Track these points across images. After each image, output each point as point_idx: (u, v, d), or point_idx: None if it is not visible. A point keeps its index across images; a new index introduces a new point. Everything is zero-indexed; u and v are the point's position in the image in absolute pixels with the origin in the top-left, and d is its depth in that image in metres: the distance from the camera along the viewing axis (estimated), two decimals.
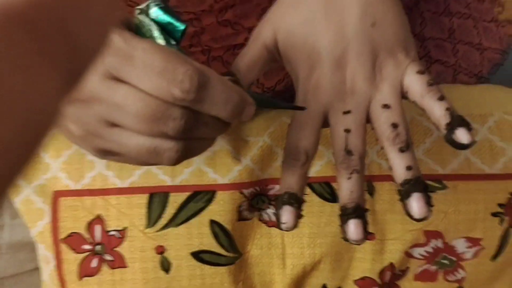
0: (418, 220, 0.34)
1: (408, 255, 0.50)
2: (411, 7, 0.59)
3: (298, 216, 0.36)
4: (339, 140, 0.36)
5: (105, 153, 0.34)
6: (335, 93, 0.37)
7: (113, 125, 0.32)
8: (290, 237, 0.49)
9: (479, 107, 0.52)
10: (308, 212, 0.49)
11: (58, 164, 0.49)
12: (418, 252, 0.50)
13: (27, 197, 0.49)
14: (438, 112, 0.35)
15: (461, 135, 0.34)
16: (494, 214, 0.50)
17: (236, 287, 0.50)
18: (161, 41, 0.33)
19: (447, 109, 0.35)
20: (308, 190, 0.49)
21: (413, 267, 0.51)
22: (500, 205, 0.50)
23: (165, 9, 0.33)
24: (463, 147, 0.35)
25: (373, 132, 0.50)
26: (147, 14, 0.34)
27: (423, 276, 0.51)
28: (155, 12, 0.33)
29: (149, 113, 0.30)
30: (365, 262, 0.50)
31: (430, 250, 0.50)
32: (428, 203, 0.35)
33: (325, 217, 0.49)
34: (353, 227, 0.35)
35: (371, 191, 0.49)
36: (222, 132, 0.34)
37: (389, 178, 0.50)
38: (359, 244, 0.36)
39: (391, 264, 0.50)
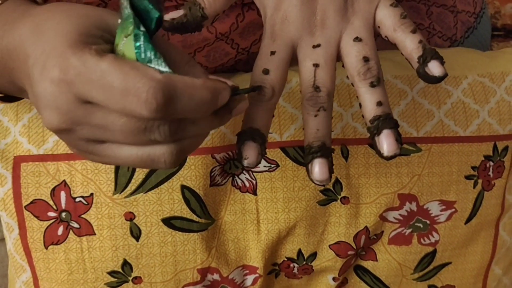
0: (387, 158, 0.33)
1: (383, 218, 0.50)
2: None
3: (261, 153, 0.35)
4: (307, 75, 0.35)
5: (105, 163, 0.34)
6: (304, 26, 0.35)
7: (102, 141, 0.32)
8: (264, 202, 0.48)
9: (453, 69, 0.51)
10: (282, 176, 0.48)
11: (18, 128, 0.46)
12: (392, 215, 0.50)
13: None
14: (410, 45, 0.34)
15: (434, 67, 0.34)
16: (468, 177, 0.50)
17: (209, 254, 0.49)
18: (131, 28, 0.31)
19: (420, 41, 0.34)
20: (281, 155, 0.48)
21: (388, 231, 0.51)
22: (473, 167, 0.50)
23: None
24: (435, 80, 0.34)
25: (347, 90, 0.49)
26: None
27: (397, 240, 0.51)
28: None
29: (132, 127, 0.30)
30: (340, 227, 0.50)
31: (404, 213, 0.50)
32: (398, 140, 0.34)
33: (300, 181, 0.48)
34: (317, 167, 0.34)
35: (346, 155, 0.48)
36: (216, 126, 0.32)
37: (364, 141, 0.50)
38: (323, 185, 0.34)
39: (366, 228, 0.50)
